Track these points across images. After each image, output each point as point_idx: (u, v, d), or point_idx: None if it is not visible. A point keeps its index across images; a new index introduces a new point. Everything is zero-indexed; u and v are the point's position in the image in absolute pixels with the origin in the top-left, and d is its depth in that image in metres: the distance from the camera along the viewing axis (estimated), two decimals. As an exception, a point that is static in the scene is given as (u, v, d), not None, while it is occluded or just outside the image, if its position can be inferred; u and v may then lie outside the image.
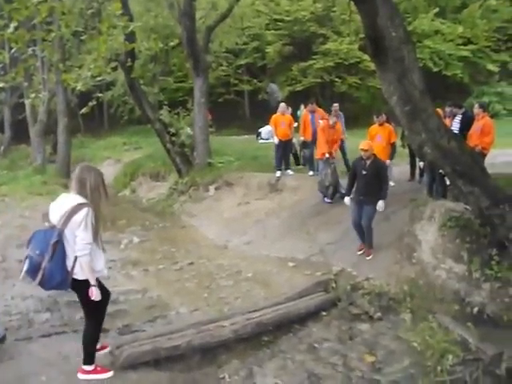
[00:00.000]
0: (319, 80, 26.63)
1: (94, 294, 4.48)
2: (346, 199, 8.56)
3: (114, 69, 17.40)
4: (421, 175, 10.56)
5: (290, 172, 12.73)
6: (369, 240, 8.39)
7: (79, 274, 4.47)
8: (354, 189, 8.49)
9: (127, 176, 19.24)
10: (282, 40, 27.00)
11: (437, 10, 24.81)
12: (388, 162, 9.95)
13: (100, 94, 17.28)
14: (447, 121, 9.17)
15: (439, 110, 8.11)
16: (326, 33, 25.98)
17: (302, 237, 9.84)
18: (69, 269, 4.41)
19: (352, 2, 6.70)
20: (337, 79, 26.35)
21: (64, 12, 7.29)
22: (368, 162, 8.19)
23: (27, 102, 20.01)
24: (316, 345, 6.12)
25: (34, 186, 14.43)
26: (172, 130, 15.59)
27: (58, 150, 19.14)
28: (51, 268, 4.33)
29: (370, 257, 8.29)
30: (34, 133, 19.96)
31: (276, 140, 12.59)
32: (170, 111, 16.41)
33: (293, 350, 6.01)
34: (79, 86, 8.93)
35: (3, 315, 6.07)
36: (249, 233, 10.96)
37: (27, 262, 4.43)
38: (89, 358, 4.83)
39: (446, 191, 8.71)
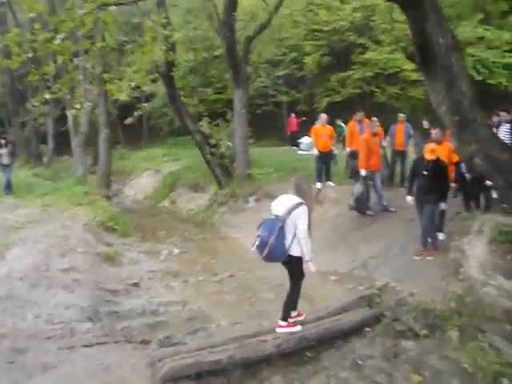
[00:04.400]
0: (358, 90, 26.31)
1: (311, 267, 5.81)
2: (409, 198, 8.50)
3: (154, 81, 17.69)
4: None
5: (331, 183, 12.55)
6: (431, 239, 8.23)
7: (293, 252, 5.76)
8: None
9: (167, 187, 19.38)
10: (320, 50, 26.76)
11: (481, 16, 24.02)
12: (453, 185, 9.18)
13: (145, 104, 17.55)
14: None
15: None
16: (366, 42, 25.66)
17: (343, 250, 9.66)
18: (286, 247, 5.69)
19: (393, 10, 6.58)
20: (376, 89, 26.01)
21: (107, 22, 7.34)
22: (430, 163, 8.09)
23: (69, 113, 20.44)
24: (360, 361, 5.93)
25: (75, 196, 14.54)
26: (212, 142, 15.64)
27: (99, 161, 19.40)
28: (275, 245, 5.65)
29: (432, 257, 8.09)
30: (75, 144, 20.29)
31: (316, 151, 12.45)
32: (209, 122, 16.49)
33: (336, 366, 5.84)
34: (123, 97, 9.00)
35: (46, 323, 6.10)
36: (289, 245, 10.79)
37: (258, 239, 5.75)
38: (285, 316, 6.04)
39: (489, 205, 8.44)
